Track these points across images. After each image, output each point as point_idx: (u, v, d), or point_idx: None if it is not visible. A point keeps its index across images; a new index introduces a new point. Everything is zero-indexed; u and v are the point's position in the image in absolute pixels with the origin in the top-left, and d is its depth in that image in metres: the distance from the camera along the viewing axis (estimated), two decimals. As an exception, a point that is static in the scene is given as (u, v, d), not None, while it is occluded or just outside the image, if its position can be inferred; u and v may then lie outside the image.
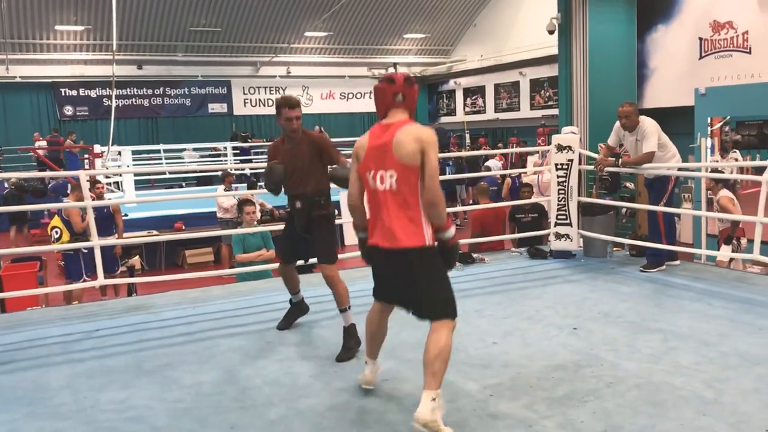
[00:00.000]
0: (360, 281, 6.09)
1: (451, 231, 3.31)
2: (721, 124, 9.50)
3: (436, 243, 3.27)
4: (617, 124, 6.43)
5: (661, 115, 7.59)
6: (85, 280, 7.73)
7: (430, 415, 2.99)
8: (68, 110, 21.38)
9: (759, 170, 6.22)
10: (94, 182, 9.32)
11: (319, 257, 4.57)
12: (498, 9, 22.50)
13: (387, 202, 3.25)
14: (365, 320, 3.65)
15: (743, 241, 7.53)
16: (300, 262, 5.07)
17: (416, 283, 3.27)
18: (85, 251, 7.77)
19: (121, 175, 15.50)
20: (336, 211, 4.80)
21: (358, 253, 3.79)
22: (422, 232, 3.22)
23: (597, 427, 3.19)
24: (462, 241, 7.56)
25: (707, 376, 3.74)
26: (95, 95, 21.52)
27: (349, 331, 4.33)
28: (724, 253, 7.31)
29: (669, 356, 4.08)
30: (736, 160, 9.11)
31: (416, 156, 3.15)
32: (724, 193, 7.44)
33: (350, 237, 12.62)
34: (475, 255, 7.12)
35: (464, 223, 14.17)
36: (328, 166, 4.55)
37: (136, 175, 16.09)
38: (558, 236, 7.02)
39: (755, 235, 5.68)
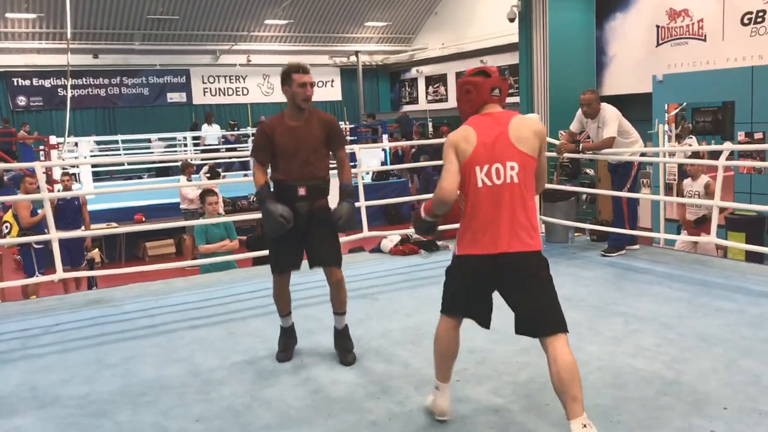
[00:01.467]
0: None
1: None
2: (677, 111, 9.68)
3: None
4: (579, 111, 6.50)
5: (620, 101, 7.70)
6: (37, 276, 7.55)
7: None
8: (21, 100, 20.80)
9: (714, 155, 6.36)
10: (62, 174, 9.18)
11: (328, 259, 3.93)
12: (459, -3, 22.54)
13: (509, 198, 2.90)
14: (435, 340, 3.17)
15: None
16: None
17: (538, 291, 2.93)
18: (38, 247, 7.58)
19: (78, 167, 15.17)
20: None
21: None
22: (538, 234, 2.99)
23: (561, 409, 3.22)
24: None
25: (667, 358, 3.82)
26: (50, 85, 20.97)
27: (345, 333, 4.05)
28: (684, 237, 7.46)
29: (630, 339, 4.15)
30: (690, 146, 9.30)
31: (535, 149, 2.94)
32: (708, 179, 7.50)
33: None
34: (439, 242, 7.15)
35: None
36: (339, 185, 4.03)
37: (93, 166, 15.77)
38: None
39: (712, 219, 5.81)
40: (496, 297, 2.93)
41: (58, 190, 9.93)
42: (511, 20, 10.95)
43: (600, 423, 3.08)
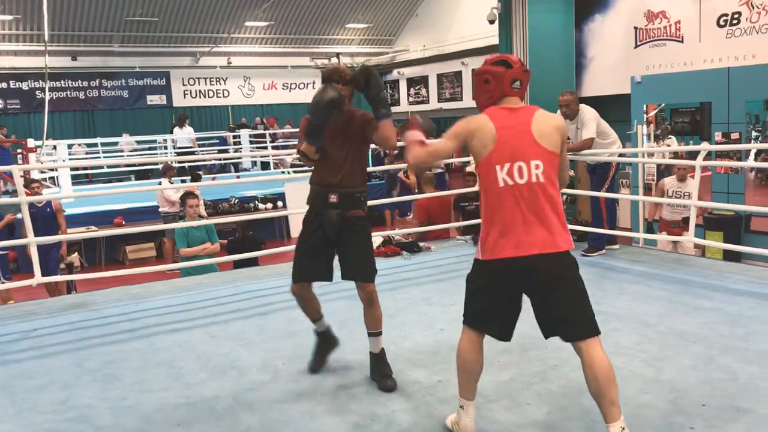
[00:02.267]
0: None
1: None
2: (655, 111, 9.78)
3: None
4: (558, 112, 6.55)
5: (599, 102, 7.77)
6: (2, 282, 7.45)
7: None
8: (-2, 103, 20.58)
9: (692, 155, 6.43)
10: (30, 181, 8.90)
11: (358, 273, 3.60)
12: (439, -1, 22.61)
13: (534, 198, 2.75)
14: (458, 356, 3.01)
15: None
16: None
17: (570, 293, 2.81)
18: (1, 253, 7.49)
19: (56, 170, 15.01)
20: (282, 204, 4.58)
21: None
22: (568, 232, 2.85)
23: (542, 408, 3.25)
24: (410, 230, 7.60)
25: (647, 356, 3.86)
26: (27, 87, 20.73)
27: (382, 357, 3.69)
28: (662, 237, 7.54)
29: (611, 337, 4.18)
30: (670, 146, 9.40)
31: (558, 145, 2.82)
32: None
33: (295, 229, 12.55)
34: (421, 243, 7.16)
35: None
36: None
37: (72, 169, 15.61)
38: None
39: (690, 218, 5.87)
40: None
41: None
42: (491, 22, 11.01)
43: (581, 422, 3.11)
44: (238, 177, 16.13)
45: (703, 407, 3.19)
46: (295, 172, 14.38)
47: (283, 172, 16.30)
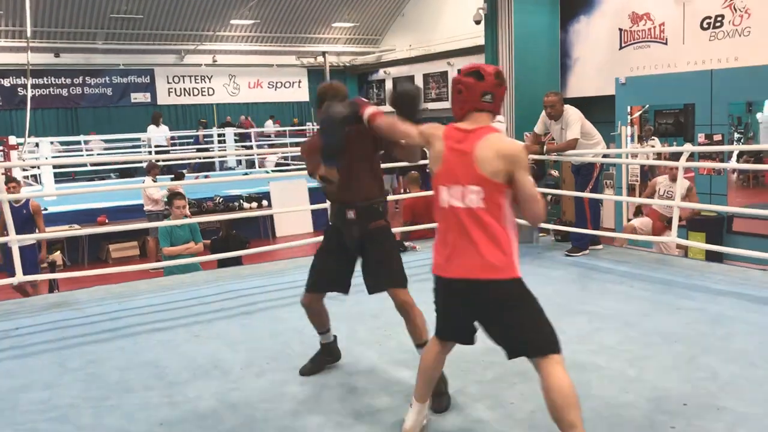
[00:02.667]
0: (292, 272, 6.07)
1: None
2: (639, 113, 9.85)
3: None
4: (543, 113, 6.58)
5: (584, 103, 7.81)
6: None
7: None
8: (-20, 100, 20.37)
9: (675, 157, 6.48)
10: (8, 179, 8.73)
11: (386, 280, 3.51)
12: (426, -1, 22.64)
13: (468, 223, 2.71)
14: (421, 358, 3.05)
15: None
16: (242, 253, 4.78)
17: (512, 320, 2.78)
18: None
19: (39, 168, 14.87)
20: (266, 203, 4.55)
21: (290, 244, 3.70)
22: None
23: (526, 407, 3.27)
24: (394, 230, 7.60)
25: (630, 355, 3.89)
26: (9, 84, 20.52)
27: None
28: (645, 237, 7.59)
29: (594, 337, 4.21)
30: (654, 147, 9.48)
31: (499, 173, 2.66)
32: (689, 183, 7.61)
33: (281, 228, 12.52)
34: (407, 243, 7.17)
35: (396, 213, 14.24)
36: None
37: (55, 167, 15.47)
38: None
39: (673, 219, 5.92)
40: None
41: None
42: (477, 22, 11.02)
43: (564, 420, 3.12)
44: (207, 176, 15.95)
45: (684, 406, 3.22)
46: (277, 171, 14.34)
47: (246, 173, 16.38)
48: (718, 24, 9.00)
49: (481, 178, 2.67)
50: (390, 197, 10.94)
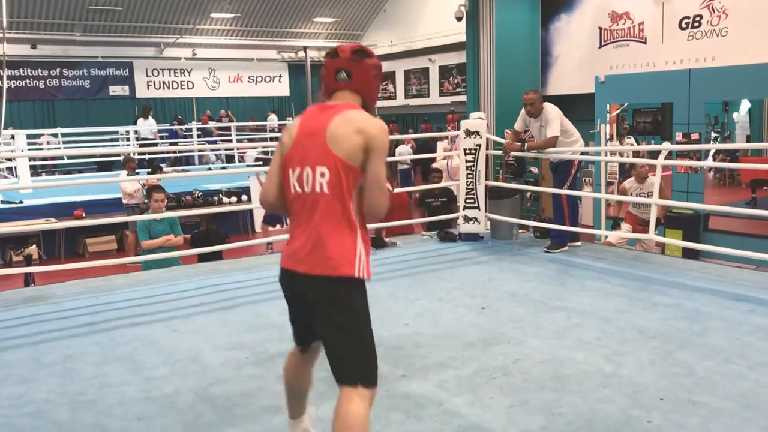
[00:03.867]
0: (273, 267, 6.04)
1: None
2: (618, 111, 9.93)
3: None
4: (523, 110, 6.61)
5: (563, 101, 7.87)
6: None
7: None
8: (-46, 91, 20.03)
9: (654, 155, 6.54)
10: None
11: None
12: (407, -5, 22.63)
13: (316, 211, 2.42)
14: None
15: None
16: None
17: (337, 328, 2.43)
18: None
19: (14, 160, 14.66)
20: (246, 197, 4.55)
21: (272, 238, 3.65)
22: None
23: (505, 402, 3.29)
24: (376, 226, 7.60)
25: (607, 351, 3.92)
26: (-16, 75, 20.27)
27: None
28: (625, 234, 7.66)
29: (572, 333, 4.24)
30: (632, 145, 9.56)
31: (355, 155, 2.37)
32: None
33: (259, 223, 12.45)
34: (387, 239, 7.17)
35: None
36: None
37: (31, 159, 15.26)
38: (466, 219, 7.16)
39: (651, 216, 5.98)
40: (444, 296, 2.96)
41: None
42: (459, 19, 11.04)
43: (541, 416, 3.15)
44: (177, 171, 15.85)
45: (660, 401, 3.25)
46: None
47: (209, 168, 16.30)
48: (696, 24, 9.09)
49: (333, 158, 2.37)
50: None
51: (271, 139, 20.37)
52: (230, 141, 19.30)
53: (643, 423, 3.05)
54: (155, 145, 17.32)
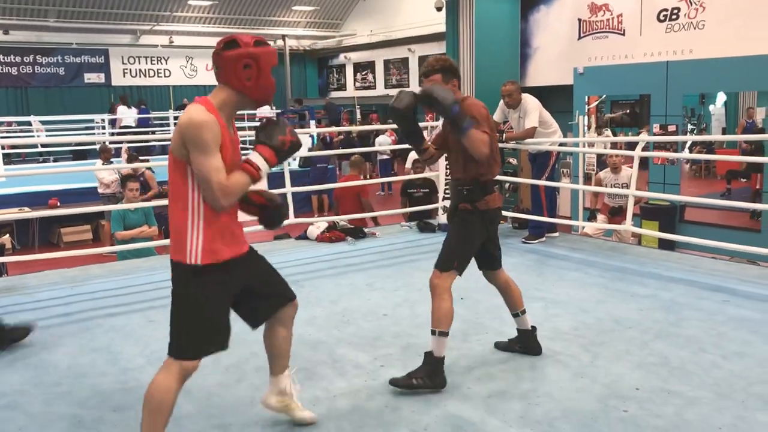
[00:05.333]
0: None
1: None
2: (597, 102, 9.99)
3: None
4: (502, 101, 6.62)
5: (542, 93, 7.88)
6: None
7: None
8: (-76, 77, 19.65)
9: (631, 147, 6.59)
10: None
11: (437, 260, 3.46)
12: (387, -16, 22.55)
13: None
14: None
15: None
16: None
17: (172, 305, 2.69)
18: None
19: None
20: None
21: (248, 229, 3.58)
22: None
23: (482, 392, 3.30)
24: (354, 216, 7.59)
25: (584, 341, 3.95)
26: (-45, 61, 19.88)
27: (425, 359, 3.36)
28: (600, 225, 7.72)
29: (549, 323, 4.27)
30: (608, 137, 9.63)
31: (178, 148, 2.49)
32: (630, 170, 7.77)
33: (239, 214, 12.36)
34: (366, 229, 7.16)
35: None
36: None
37: (3, 147, 15.00)
38: (445, 210, 7.17)
39: (628, 207, 6.03)
40: (423, 287, 2.94)
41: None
42: (439, 9, 11.05)
43: (519, 405, 3.16)
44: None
45: (636, 390, 3.28)
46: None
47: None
48: (674, 17, 9.16)
49: (170, 155, 2.54)
50: (333, 185, 10.81)
51: (249, 128, 20.24)
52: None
53: (618, 412, 3.08)
54: (138, 133, 17.09)
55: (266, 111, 21.54)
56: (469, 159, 3.42)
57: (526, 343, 3.74)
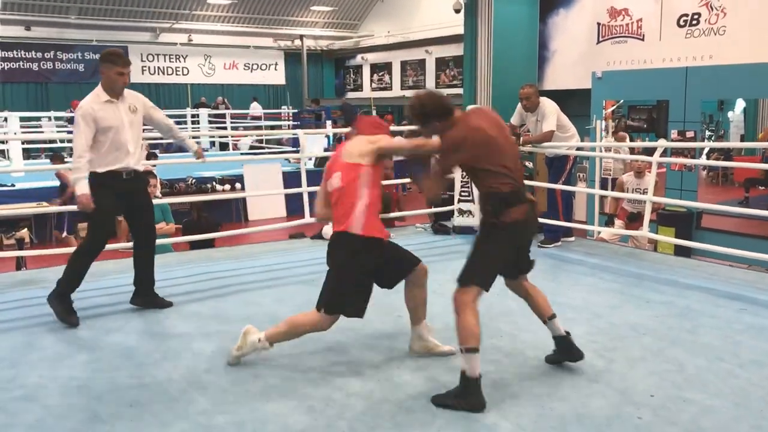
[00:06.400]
0: (265, 256, 6.05)
1: None
2: (614, 107, 9.93)
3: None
4: (519, 105, 6.61)
5: (560, 96, 7.86)
6: None
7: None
8: (-53, 72, 19.88)
9: (648, 152, 6.56)
10: None
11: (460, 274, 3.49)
12: (405, -15, 22.55)
13: None
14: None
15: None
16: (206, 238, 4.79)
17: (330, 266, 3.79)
18: None
19: (6, 142, 14.56)
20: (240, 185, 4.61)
21: (265, 227, 3.70)
22: None
23: (496, 396, 3.29)
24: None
25: (598, 346, 3.94)
26: (-23, 56, 20.10)
27: (460, 379, 3.23)
28: (616, 230, 7.68)
29: (564, 327, 4.24)
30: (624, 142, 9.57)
31: None
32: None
33: (254, 212, 12.43)
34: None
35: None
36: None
37: (24, 142, 15.16)
38: (461, 212, 7.16)
39: (645, 213, 6.00)
40: (437, 288, 2.92)
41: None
42: (457, 11, 11.03)
43: (532, 410, 3.16)
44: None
45: (651, 397, 3.27)
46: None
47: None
48: (694, 22, 9.10)
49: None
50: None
51: (255, 127, 20.29)
52: (225, 128, 19.20)
53: (633, 419, 3.07)
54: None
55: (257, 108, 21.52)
56: (473, 174, 3.53)
57: (565, 350, 3.62)
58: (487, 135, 3.32)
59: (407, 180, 9.56)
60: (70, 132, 16.75)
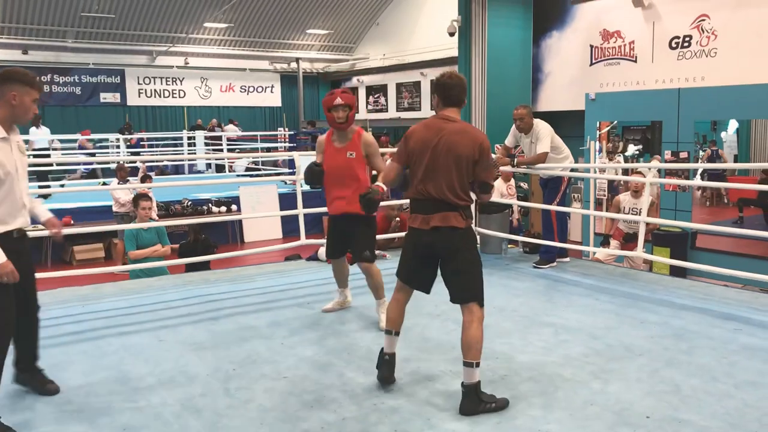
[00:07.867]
0: (261, 278, 6.04)
1: None
2: (608, 128, 10.00)
3: None
4: (514, 126, 6.65)
5: (554, 118, 7.92)
6: None
7: None
8: (-57, 95, 19.90)
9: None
10: None
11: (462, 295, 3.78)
12: (400, 9, 22.74)
13: None
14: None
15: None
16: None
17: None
18: None
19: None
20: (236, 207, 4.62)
21: (261, 249, 3.68)
22: None
23: (492, 418, 3.29)
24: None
25: (595, 368, 3.93)
26: (-26, 80, 20.15)
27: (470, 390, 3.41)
28: (610, 251, 7.70)
29: (560, 349, 4.25)
30: (620, 163, 9.63)
31: None
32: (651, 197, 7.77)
33: (250, 234, 12.43)
34: (377, 251, 7.16)
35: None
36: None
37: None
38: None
39: (639, 233, 6.02)
40: (433, 310, 2.94)
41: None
42: (452, 34, 11.12)
43: (528, 431, 3.15)
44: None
45: (647, 419, 3.26)
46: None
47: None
48: (686, 44, 9.20)
49: None
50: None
51: (229, 149, 20.10)
52: (221, 151, 19.25)
53: (629, 440, 3.06)
54: (49, 155, 16.35)
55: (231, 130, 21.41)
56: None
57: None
58: (420, 142, 3.57)
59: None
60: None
